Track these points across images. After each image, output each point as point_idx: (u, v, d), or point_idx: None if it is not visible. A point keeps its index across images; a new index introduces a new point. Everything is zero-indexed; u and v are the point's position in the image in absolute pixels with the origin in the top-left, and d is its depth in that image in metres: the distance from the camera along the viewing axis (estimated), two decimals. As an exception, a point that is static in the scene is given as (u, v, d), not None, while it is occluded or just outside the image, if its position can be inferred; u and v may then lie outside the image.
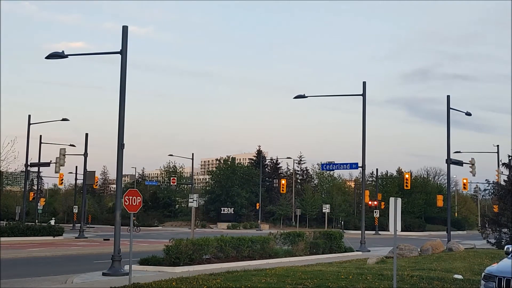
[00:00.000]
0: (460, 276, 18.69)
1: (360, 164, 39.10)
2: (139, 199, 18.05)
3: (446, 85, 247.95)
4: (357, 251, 35.71)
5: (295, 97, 39.11)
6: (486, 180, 43.35)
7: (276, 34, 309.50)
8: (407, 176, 72.87)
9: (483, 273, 12.33)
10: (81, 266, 25.08)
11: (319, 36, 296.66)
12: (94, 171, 55.82)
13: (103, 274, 21.04)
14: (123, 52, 22.52)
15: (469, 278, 18.30)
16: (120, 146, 22.19)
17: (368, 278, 18.02)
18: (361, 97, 38.71)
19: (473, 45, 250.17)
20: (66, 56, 23.29)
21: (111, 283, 17.58)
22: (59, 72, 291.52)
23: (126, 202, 17.94)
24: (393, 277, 15.47)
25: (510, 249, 13.60)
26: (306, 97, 38.90)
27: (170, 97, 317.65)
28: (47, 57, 23.43)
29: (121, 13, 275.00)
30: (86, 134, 52.37)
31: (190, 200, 41.81)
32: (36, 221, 63.64)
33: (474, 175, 49.71)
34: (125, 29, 22.69)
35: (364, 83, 38.97)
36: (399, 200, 13.21)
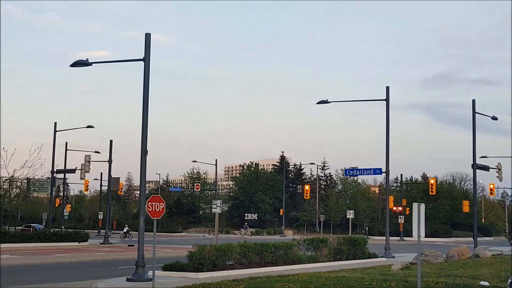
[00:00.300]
0: (486, 283, 18.42)
1: (384, 170, 38.80)
2: (162, 205, 18.10)
3: (469, 90, 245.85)
4: (381, 257, 35.42)
5: (318, 103, 38.97)
6: (514, 185, 42.78)
7: (295, 38, 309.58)
8: (432, 181, 71.98)
9: (509, 280, 12.14)
10: (106, 271, 25.22)
11: (342, 41, 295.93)
12: (119, 178, 56.21)
13: (127, 279, 21.13)
14: (146, 59, 22.68)
15: (495, 285, 18.04)
16: (144, 152, 22.31)
17: (392, 284, 17.85)
18: (385, 102, 38.48)
19: (496, 49, 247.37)
20: (90, 64, 23.53)
21: (135, 289, 17.67)
22: (84, 80, 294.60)
23: (149, 208, 18.02)
24: (419, 283, 15.32)
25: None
26: (329, 102, 38.77)
27: (192, 104, 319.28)
28: (72, 65, 23.70)
29: (144, 22, 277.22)
30: (111, 141, 52.82)
31: (213, 206, 41.72)
32: (62, 227, 64.25)
33: (501, 180, 49.00)
34: (147, 37, 22.86)
35: (387, 88, 38.75)
36: (422, 205, 13.06)
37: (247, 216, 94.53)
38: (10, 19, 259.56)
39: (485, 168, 43.84)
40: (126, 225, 67.70)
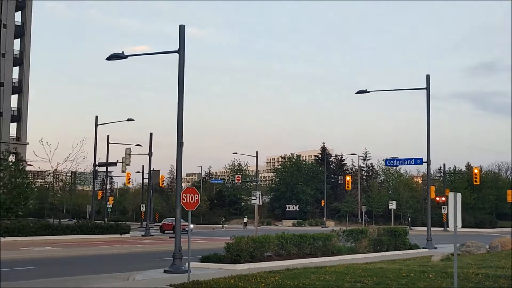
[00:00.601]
0: (529, 274, 17.93)
1: (425, 159, 38.19)
2: (196, 196, 18.11)
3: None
4: (423, 248, 34.91)
5: (357, 92, 38.49)
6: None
7: (332, 29, 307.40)
8: (476, 171, 70.74)
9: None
10: (145, 263, 25.47)
11: (378, 29, 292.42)
12: (159, 170, 56.73)
13: (165, 271, 21.26)
14: (180, 51, 22.70)
15: (538, 276, 17.52)
16: (179, 144, 22.38)
17: (430, 276, 17.53)
18: (425, 90, 37.85)
19: None
20: (126, 57, 23.65)
21: (171, 281, 17.77)
22: (123, 74, 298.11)
23: (184, 200, 18.05)
24: (457, 275, 14.98)
25: None
26: (368, 92, 38.26)
27: (234, 97, 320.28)
28: (108, 58, 23.84)
29: (182, 16, 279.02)
30: (151, 134, 53.31)
31: (253, 197, 41.94)
32: (105, 219, 65.27)
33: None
34: (182, 28, 22.86)
35: (427, 76, 38.10)
36: (458, 195, 12.72)
37: (288, 208, 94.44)
38: (53, 15, 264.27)
39: (531, 156, 42.68)
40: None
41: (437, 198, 78.58)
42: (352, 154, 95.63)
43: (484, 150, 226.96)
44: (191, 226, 30.01)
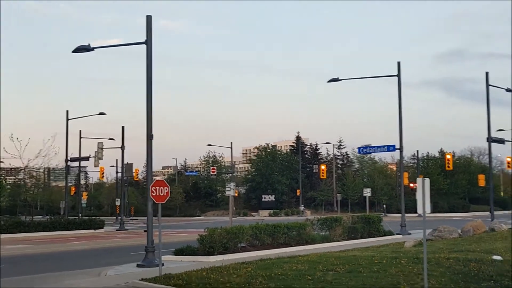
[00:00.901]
0: (499, 257, 18.07)
1: (397, 146, 38.40)
2: (166, 189, 17.91)
3: (483, 65, 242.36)
4: (397, 234, 35.18)
5: (329, 81, 38.55)
6: (533, 157, 42.18)
7: (304, 20, 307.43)
8: (448, 156, 71.40)
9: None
10: (118, 258, 25.21)
11: (348, 20, 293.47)
12: (132, 164, 56.40)
13: (137, 265, 21.08)
14: (148, 42, 22.45)
15: (508, 259, 17.65)
16: (149, 137, 22.14)
17: (402, 262, 17.58)
18: (397, 78, 38.00)
19: (505, 23, 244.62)
20: (92, 49, 23.31)
21: (143, 275, 17.59)
22: (94, 69, 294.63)
23: (153, 193, 17.85)
24: (429, 260, 15.04)
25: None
26: (340, 80, 38.34)
27: (207, 89, 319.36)
28: (74, 51, 23.47)
29: (152, 10, 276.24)
30: (123, 127, 52.89)
31: (227, 189, 41.85)
32: (80, 215, 64.62)
33: (517, 152, 48.38)
34: (149, 19, 22.60)
35: (398, 63, 38.30)
36: (427, 180, 12.72)
37: (264, 198, 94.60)
38: (23, 11, 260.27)
39: (501, 141, 43.20)
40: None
41: (411, 185, 79.26)
42: (327, 143, 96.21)
43: (456, 136, 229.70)
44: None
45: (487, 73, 40.67)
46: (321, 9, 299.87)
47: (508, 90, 43.16)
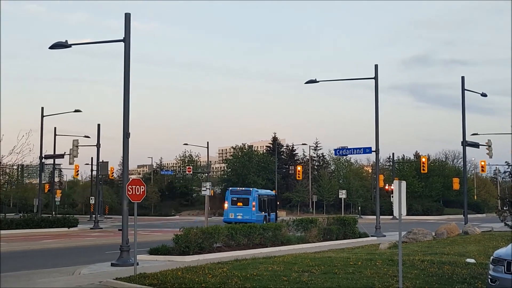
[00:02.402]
0: (472, 260, 18.28)
1: (373, 148, 38.62)
2: (142, 188, 17.77)
3: (447, 70, 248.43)
4: (372, 236, 35.36)
5: (306, 82, 38.73)
6: (506, 162, 42.53)
7: (280, 25, 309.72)
8: (423, 159, 72.09)
9: (491, 257, 11.90)
10: (92, 257, 24.97)
11: (320, 25, 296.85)
12: (107, 162, 55.80)
13: (112, 264, 20.90)
14: (126, 40, 22.27)
15: (481, 262, 17.88)
16: (126, 135, 21.96)
17: (377, 264, 17.68)
18: (373, 80, 38.22)
19: (466, 31, 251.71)
20: (69, 46, 23.06)
21: (118, 274, 17.46)
22: (70, 67, 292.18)
23: (129, 192, 17.70)
24: (403, 262, 15.13)
25: (521, 231, 13.11)
26: (318, 81, 38.52)
27: (183, 90, 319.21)
28: (51, 47, 23.23)
29: (128, 10, 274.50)
30: (98, 125, 52.35)
31: (203, 188, 41.62)
32: (53, 213, 63.95)
33: (491, 157, 48.86)
34: (127, 17, 22.40)
35: (376, 66, 38.53)
36: (403, 183, 12.80)
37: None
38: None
39: (475, 145, 43.67)
40: None
41: (386, 187, 79.85)
42: (303, 144, 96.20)
43: (432, 141, 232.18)
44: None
45: (463, 78, 41.10)
46: (289, 14, 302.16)
47: (483, 94, 43.67)
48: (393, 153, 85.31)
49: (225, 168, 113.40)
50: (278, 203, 67.49)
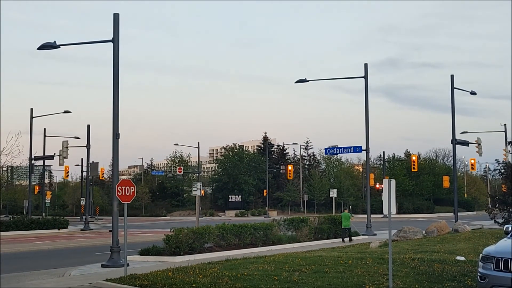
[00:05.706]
0: (462, 258, 18.35)
1: (364, 147, 38.66)
2: (132, 189, 17.71)
3: (418, 73, 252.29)
4: (363, 235, 35.43)
5: (297, 82, 38.73)
6: (495, 160, 42.72)
7: (269, 26, 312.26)
8: (414, 158, 72.27)
9: (481, 254, 11.94)
10: (82, 258, 24.92)
11: (306, 29, 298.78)
12: (97, 163, 55.67)
13: (102, 265, 20.84)
14: (115, 40, 22.21)
15: (471, 260, 17.94)
16: (115, 136, 21.89)
17: (368, 262, 17.70)
18: (363, 79, 38.28)
19: (430, 36, 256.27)
20: (58, 46, 22.98)
21: (108, 275, 17.39)
22: (59, 69, 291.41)
23: (119, 193, 17.63)
24: (394, 261, 15.17)
25: (510, 229, 13.14)
26: (308, 81, 38.56)
27: (174, 91, 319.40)
28: (40, 48, 23.13)
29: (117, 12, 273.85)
30: (88, 126, 52.18)
31: (194, 188, 41.61)
32: (44, 214, 63.65)
33: (480, 155, 49.13)
34: (116, 17, 22.36)
35: (365, 65, 38.59)
36: (393, 181, 12.80)
37: (231, 198, 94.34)
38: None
39: (465, 143, 43.83)
40: None
41: (377, 186, 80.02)
42: (294, 143, 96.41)
43: (422, 141, 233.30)
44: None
45: (452, 76, 41.18)
46: (279, 21, 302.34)
47: (472, 93, 43.83)
48: (383, 152, 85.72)
49: (216, 168, 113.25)
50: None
